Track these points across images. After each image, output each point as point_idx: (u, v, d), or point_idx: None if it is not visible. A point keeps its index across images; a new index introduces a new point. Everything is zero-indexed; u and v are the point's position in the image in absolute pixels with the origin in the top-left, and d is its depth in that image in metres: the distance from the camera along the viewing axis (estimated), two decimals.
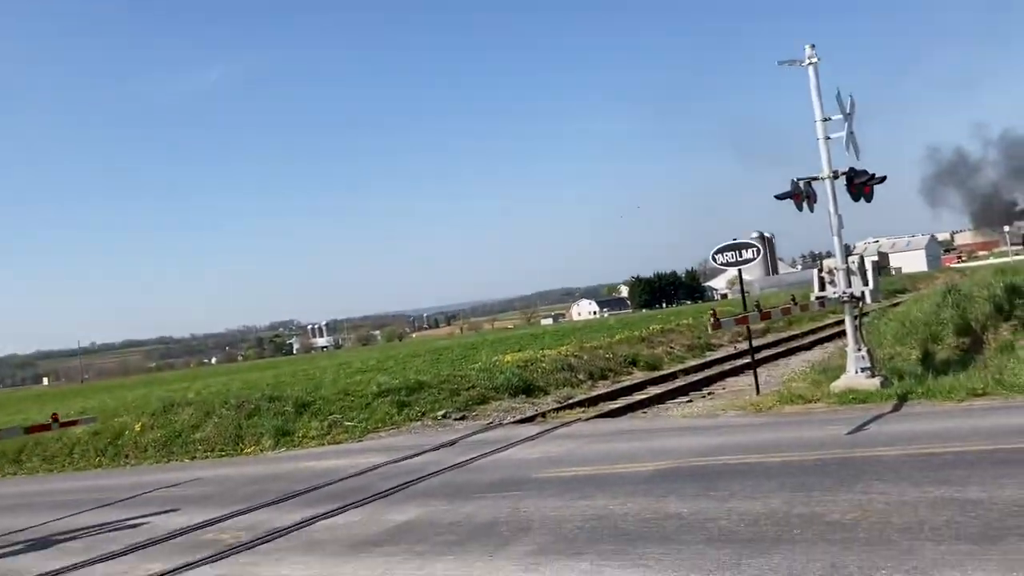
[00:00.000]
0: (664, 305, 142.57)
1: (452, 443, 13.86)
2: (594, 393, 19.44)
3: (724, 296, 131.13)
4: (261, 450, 16.75)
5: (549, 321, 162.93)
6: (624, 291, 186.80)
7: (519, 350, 25.58)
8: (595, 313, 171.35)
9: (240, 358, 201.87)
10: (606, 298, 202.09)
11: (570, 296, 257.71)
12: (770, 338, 29.16)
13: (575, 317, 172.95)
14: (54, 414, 14.49)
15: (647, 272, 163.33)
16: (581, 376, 21.82)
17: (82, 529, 10.96)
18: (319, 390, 19.92)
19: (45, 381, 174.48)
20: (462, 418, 16.98)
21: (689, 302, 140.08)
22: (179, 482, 14.04)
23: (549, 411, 16.68)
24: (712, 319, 12.64)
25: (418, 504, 9.54)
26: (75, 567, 8.79)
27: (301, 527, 9.24)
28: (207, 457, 17.19)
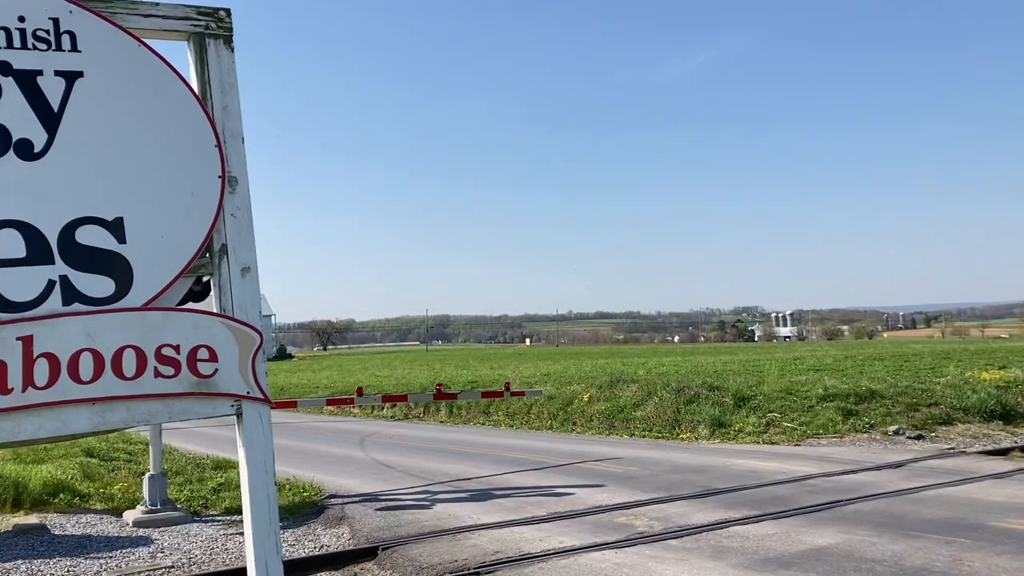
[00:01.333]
0: None
1: (898, 465, 12.33)
2: None
3: None
4: (696, 438, 16.67)
5: None
6: None
7: (1003, 367, 22.05)
8: None
9: (701, 339, 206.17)
10: None
11: None
12: None
13: None
14: (507, 383, 16.01)
15: None
16: None
17: (518, 488, 11.85)
18: (761, 385, 19.24)
19: (527, 342, 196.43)
20: (917, 438, 15.10)
21: None
22: (612, 457, 14.53)
23: None
24: None
25: (841, 529, 8.58)
26: (503, 524, 9.47)
27: (712, 529, 8.87)
28: (644, 436, 17.60)
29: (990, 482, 10.90)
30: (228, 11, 4.59)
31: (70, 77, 4.17)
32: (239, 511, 10.89)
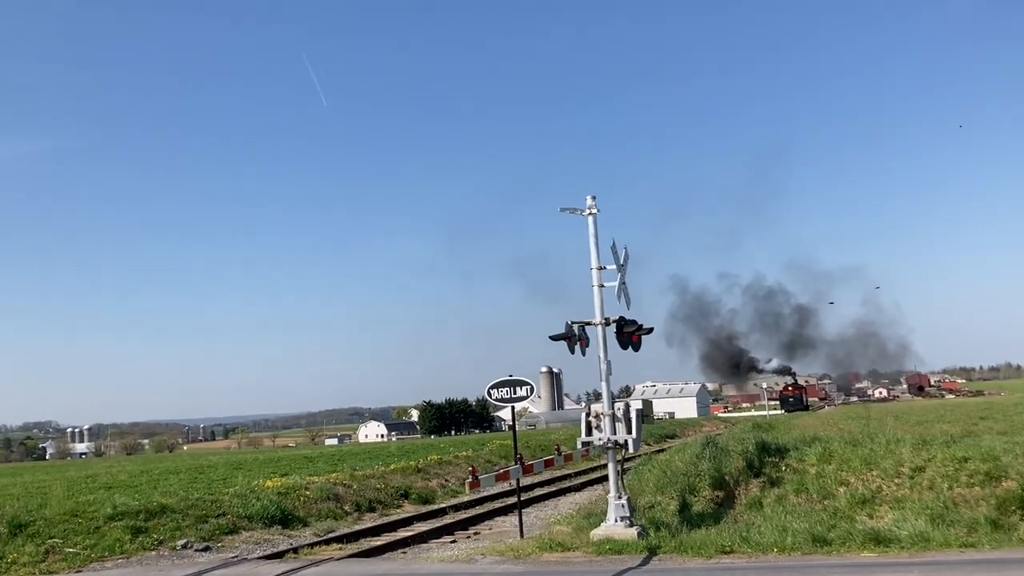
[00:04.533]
0: (453, 432, 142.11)
1: None
2: (358, 527, 18.41)
3: (511, 427, 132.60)
4: None
5: (334, 441, 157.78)
6: (415, 415, 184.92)
7: (285, 474, 24.06)
8: (383, 436, 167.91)
9: None
10: (396, 421, 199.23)
11: (359, 416, 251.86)
12: (545, 475, 29.22)
13: (362, 439, 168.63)
14: None
15: (440, 397, 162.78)
16: (347, 507, 20.72)
17: None
18: (43, 508, 17.56)
19: None
20: (205, 549, 15.43)
21: (478, 431, 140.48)
22: None
23: (303, 546, 15.52)
24: (471, 477, 12.36)
25: None
26: None
27: None
28: None
29: None
30: None
31: None
32: None
